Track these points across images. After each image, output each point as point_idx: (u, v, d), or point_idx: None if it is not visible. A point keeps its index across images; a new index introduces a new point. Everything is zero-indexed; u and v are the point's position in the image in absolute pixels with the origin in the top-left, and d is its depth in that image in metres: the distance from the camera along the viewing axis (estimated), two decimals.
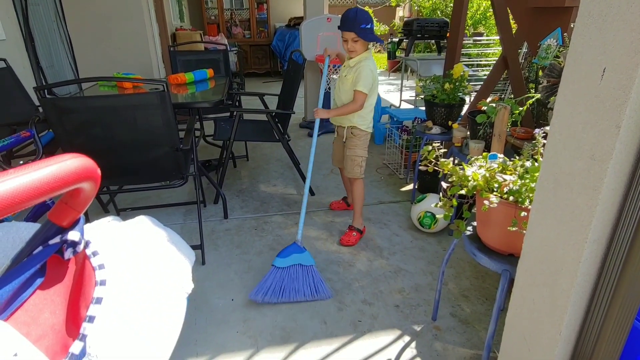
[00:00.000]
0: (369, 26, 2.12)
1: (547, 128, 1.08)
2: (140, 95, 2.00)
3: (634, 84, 0.75)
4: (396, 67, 8.18)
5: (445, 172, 1.42)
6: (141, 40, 4.38)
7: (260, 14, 7.81)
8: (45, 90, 1.75)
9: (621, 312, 0.93)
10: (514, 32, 3.24)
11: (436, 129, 2.62)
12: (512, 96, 3.08)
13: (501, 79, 3.34)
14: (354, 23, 2.09)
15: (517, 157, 1.39)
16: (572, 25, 1.70)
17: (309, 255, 1.97)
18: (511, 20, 2.98)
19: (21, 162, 1.94)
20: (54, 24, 3.97)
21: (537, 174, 1.17)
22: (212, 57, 3.73)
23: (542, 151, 1.33)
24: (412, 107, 5.29)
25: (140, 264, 0.81)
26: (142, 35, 4.37)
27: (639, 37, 0.74)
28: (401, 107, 5.61)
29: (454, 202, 1.42)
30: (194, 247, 1.42)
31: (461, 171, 1.37)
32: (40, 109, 1.80)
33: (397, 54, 6.50)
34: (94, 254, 0.66)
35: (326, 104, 4.42)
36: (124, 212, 2.68)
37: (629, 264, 0.87)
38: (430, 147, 1.46)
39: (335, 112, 2.28)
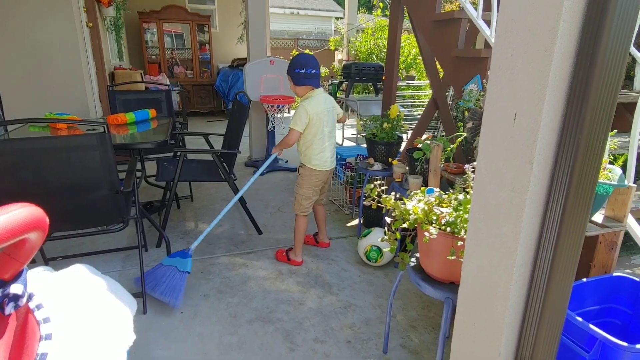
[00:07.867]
0: (302, 71, 2.28)
1: (475, 163, 1.20)
2: (77, 137, 1.92)
3: (539, 126, 0.88)
4: None
5: (388, 207, 1.50)
6: (77, 79, 4.20)
7: (203, 55, 7.87)
8: None
9: (549, 329, 1.02)
10: (441, 76, 3.57)
11: (378, 166, 2.76)
12: (444, 134, 3.34)
13: (433, 118, 3.62)
14: (289, 68, 2.33)
15: (452, 191, 1.51)
16: (489, 73, 1.94)
17: (190, 263, 2.17)
18: (438, 66, 3.29)
19: None
20: None
21: (469, 206, 1.29)
22: (154, 96, 3.66)
23: (472, 184, 1.46)
24: (354, 144, 5.52)
25: (82, 317, 0.76)
26: (78, 73, 4.19)
27: (539, 88, 0.87)
28: (344, 144, 5.82)
29: (398, 235, 1.49)
30: (135, 295, 1.35)
31: (402, 205, 1.46)
32: None
33: (338, 94, 6.83)
34: (38, 307, 0.61)
35: (271, 142, 4.52)
36: (54, 262, 2.46)
37: (551, 284, 0.98)
38: (372, 185, 1.55)
39: (279, 146, 2.48)
